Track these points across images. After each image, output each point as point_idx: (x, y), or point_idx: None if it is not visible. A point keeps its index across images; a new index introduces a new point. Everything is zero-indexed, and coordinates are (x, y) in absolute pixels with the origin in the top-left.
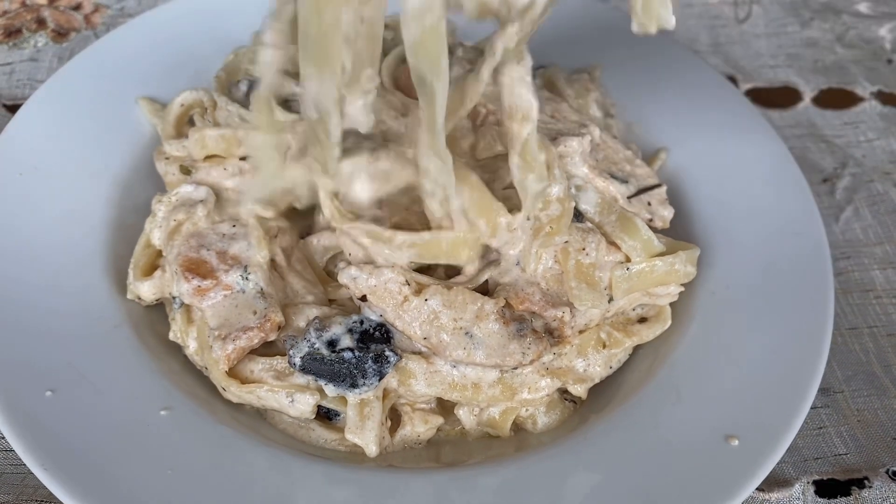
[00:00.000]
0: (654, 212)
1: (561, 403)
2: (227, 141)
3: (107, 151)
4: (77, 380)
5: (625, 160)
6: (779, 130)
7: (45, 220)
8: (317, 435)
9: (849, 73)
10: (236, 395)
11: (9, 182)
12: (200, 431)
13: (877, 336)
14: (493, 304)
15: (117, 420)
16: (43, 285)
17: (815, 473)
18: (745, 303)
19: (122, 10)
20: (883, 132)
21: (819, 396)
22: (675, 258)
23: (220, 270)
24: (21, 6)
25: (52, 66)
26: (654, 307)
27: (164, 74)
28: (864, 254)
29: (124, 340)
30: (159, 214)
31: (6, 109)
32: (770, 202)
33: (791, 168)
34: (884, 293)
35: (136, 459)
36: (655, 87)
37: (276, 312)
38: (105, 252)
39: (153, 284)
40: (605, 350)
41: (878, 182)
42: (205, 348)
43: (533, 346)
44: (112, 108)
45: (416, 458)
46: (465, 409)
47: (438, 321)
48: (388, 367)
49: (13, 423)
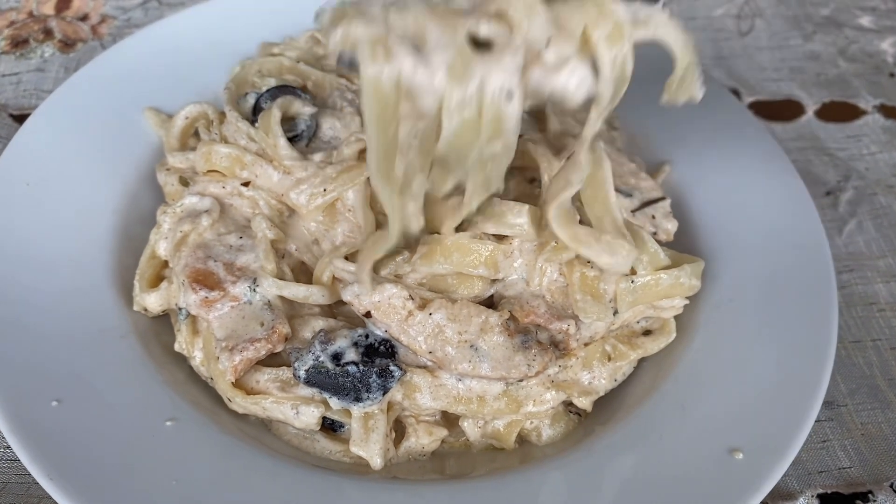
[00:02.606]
0: (658, 225)
1: (566, 416)
2: (234, 160)
3: (113, 162)
4: (83, 390)
5: (629, 173)
6: (782, 143)
7: (52, 230)
8: (321, 446)
9: (851, 86)
10: (242, 406)
11: (16, 192)
12: (205, 442)
13: (881, 349)
14: (498, 316)
15: (123, 430)
16: (49, 295)
17: (819, 487)
18: (749, 316)
19: (129, 21)
20: (886, 145)
21: (823, 410)
22: (680, 271)
23: (227, 282)
24: (28, 17)
25: (59, 77)
26: (659, 320)
27: (171, 85)
28: (867, 267)
29: (130, 351)
30: (165, 226)
31: (13, 119)
32: (773, 215)
33: (794, 181)
34: (887, 306)
35: (142, 470)
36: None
37: (283, 324)
38: (111, 262)
39: (159, 296)
40: (611, 363)
41: (881, 195)
42: (211, 359)
43: (538, 358)
44: (118, 118)
45: (420, 469)
46: (469, 421)
47: (443, 335)
48: (393, 381)
49: (19, 433)
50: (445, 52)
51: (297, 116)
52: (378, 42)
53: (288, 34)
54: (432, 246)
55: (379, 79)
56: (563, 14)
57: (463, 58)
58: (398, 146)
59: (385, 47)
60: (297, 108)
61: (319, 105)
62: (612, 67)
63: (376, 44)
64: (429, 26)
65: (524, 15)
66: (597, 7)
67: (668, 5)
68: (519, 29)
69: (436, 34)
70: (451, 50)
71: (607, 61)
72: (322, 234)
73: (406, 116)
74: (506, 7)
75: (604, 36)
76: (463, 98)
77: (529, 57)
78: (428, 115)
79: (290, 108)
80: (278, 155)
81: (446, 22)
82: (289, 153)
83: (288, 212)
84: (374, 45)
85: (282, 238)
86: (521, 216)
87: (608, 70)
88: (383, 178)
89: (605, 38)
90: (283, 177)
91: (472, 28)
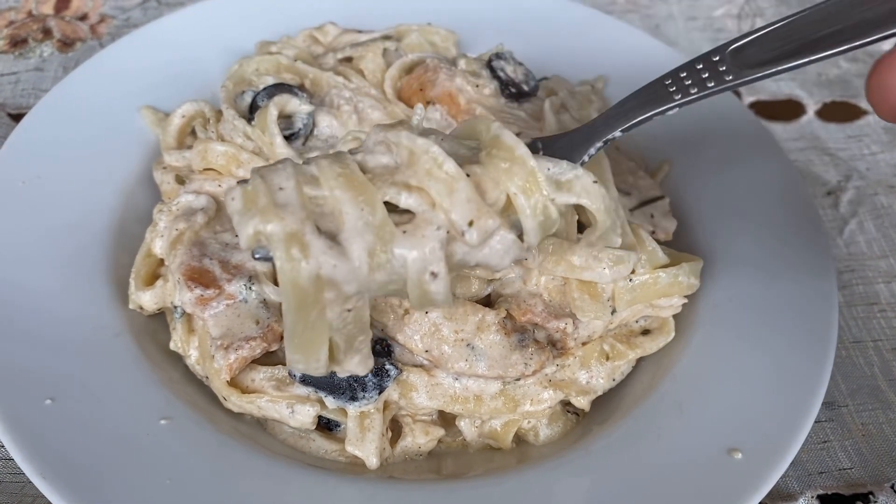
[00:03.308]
0: (657, 224)
1: (563, 415)
2: (229, 158)
3: (110, 160)
4: (77, 388)
5: (628, 172)
6: (783, 143)
7: (48, 228)
8: (317, 445)
9: (852, 86)
10: (237, 405)
11: (12, 190)
12: (200, 441)
13: (881, 349)
14: (495, 315)
15: (117, 429)
16: (44, 293)
17: (819, 488)
18: (749, 315)
19: (128, 20)
20: (887, 145)
21: (823, 410)
22: (678, 270)
23: (222, 280)
24: (27, 16)
25: (58, 76)
26: (658, 319)
27: (168, 84)
28: (868, 267)
29: (125, 349)
30: (160, 224)
31: (11, 118)
32: (774, 215)
33: (795, 181)
34: (888, 306)
35: (136, 468)
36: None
37: (279, 322)
38: (106, 260)
39: (155, 294)
40: (609, 362)
41: (882, 195)
42: (206, 358)
43: (535, 357)
44: (115, 117)
45: (416, 469)
46: (466, 420)
47: (440, 333)
48: (389, 380)
49: (12, 432)
50: (364, 238)
51: (293, 114)
52: (292, 239)
53: (285, 33)
54: None
55: (297, 276)
56: (484, 181)
57: (383, 241)
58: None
59: (300, 243)
60: (294, 106)
61: (316, 103)
62: (532, 216)
63: (291, 240)
64: (345, 207)
65: (445, 194)
66: (508, 157)
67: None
68: (440, 207)
69: (353, 216)
70: (369, 234)
71: (528, 213)
72: None
73: (332, 302)
74: (426, 183)
75: (518, 188)
76: (387, 279)
77: (451, 233)
78: (355, 295)
79: (286, 106)
80: (274, 153)
81: (363, 196)
82: (285, 151)
83: None
84: (288, 242)
85: None
86: None
87: (530, 221)
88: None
89: (520, 189)
90: None
91: (392, 198)
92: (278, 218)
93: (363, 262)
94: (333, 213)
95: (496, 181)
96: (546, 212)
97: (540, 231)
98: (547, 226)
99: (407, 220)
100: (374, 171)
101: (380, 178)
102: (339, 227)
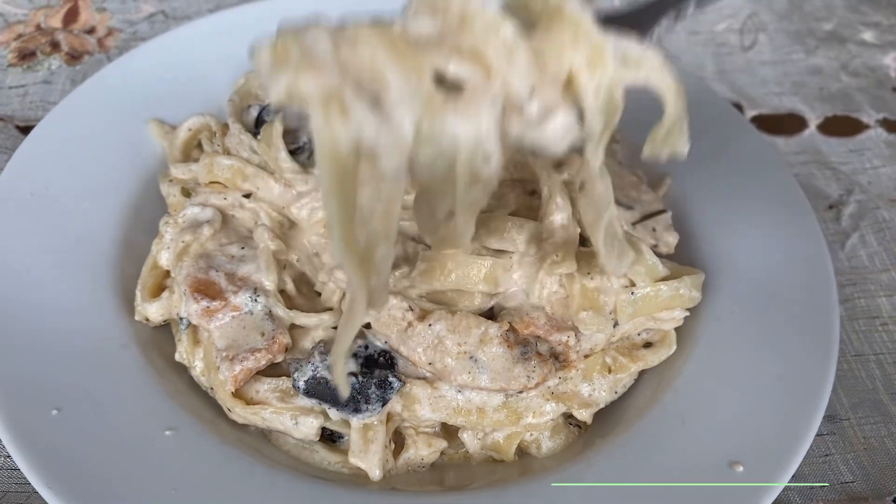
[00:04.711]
0: (660, 237)
1: (566, 428)
2: (235, 172)
3: (117, 173)
4: (83, 399)
5: (630, 186)
6: (784, 157)
7: (55, 240)
8: (320, 457)
9: (854, 100)
10: (241, 416)
11: (20, 202)
12: (205, 452)
13: (883, 363)
14: (498, 327)
15: (122, 439)
16: (51, 304)
17: (821, 501)
18: (750, 328)
19: (135, 34)
20: (888, 159)
21: (825, 423)
22: (679, 283)
23: (228, 292)
24: (36, 29)
25: (65, 89)
26: (660, 332)
27: (176, 98)
28: (870, 280)
29: (131, 360)
30: (167, 236)
31: (19, 131)
32: (775, 228)
33: (797, 194)
34: (890, 320)
35: (141, 479)
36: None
37: (284, 334)
38: (113, 272)
39: (161, 305)
40: (611, 375)
41: (883, 209)
42: (211, 369)
43: (538, 370)
44: (123, 130)
45: (419, 481)
46: (469, 432)
47: (443, 346)
48: (392, 392)
49: (18, 442)
50: (410, 105)
51: (299, 129)
52: (331, 98)
53: None
54: (431, 264)
55: (336, 142)
56: (545, 50)
57: (432, 111)
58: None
59: (340, 103)
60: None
61: None
62: (595, 96)
63: (329, 100)
64: (388, 72)
65: (504, 58)
66: (572, 29)
67: (662, 44)
68: (497, 74)
69: (397, 82)
70: (416, 101)
71: (591, 91)
72: (323, 247)
73: (367, 180)
74: (482, 46)
75: (583, 62)
76: (434, 156)
77: (508, 107)
78: (392, 176)
79: (292, 120)
80: (279, 168)
81: (408, 63)
82: (290, 166)
83: (289, 223)
84: (326, 102)
85: (283, 249)
86: (523, 232)
87: (592, 100)
88: (347, 248)
89: (584, 64)
90: (284, 189)
91: (440, 66)
92: (316, 72)
93: (409, 131)
94: (374, 79)
95: (558, 54)
96: (610, 93)
97: (602, 115)
98: (610, 110)
99: (454, 98)
100: (417, 39)
101: (425, 46)
102: (381, 94)
